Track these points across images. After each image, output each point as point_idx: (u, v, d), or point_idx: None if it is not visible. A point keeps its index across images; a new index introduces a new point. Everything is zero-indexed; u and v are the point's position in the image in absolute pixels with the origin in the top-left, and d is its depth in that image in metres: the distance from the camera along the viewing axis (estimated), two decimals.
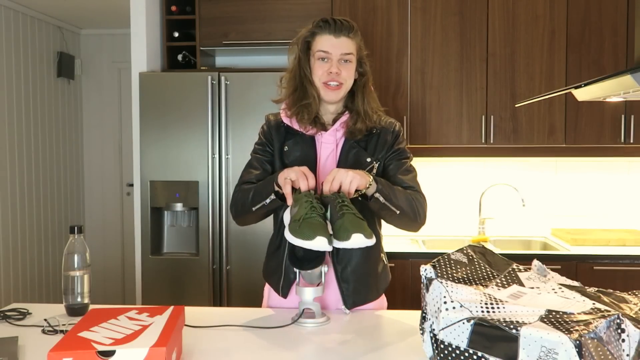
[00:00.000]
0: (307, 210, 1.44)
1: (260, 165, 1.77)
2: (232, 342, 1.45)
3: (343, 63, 1.67)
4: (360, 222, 1.42)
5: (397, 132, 1.76)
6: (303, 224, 1.42)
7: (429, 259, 1.39)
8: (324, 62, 1.67)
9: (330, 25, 1.66)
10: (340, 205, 1.45)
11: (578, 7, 3.10)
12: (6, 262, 4.01)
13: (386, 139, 1.74)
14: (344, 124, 1.72)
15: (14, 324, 1.58)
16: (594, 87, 1.43)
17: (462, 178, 3.45)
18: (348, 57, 1.67)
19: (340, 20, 1.68)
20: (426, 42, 3.17)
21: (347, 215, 1.43)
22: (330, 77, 1.66)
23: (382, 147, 1.73)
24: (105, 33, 4.94)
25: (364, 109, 1.71)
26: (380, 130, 1.74)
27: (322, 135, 1.72)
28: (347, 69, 1.68)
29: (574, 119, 3.12)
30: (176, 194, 3.05)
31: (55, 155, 4.63)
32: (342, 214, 1.43)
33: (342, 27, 1.66)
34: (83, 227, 1.66)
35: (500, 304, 1.18)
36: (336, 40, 1.66)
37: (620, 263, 2.87)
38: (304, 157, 1.71)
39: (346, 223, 1.41)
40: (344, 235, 1.40)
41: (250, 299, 2.98)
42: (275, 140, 1.76)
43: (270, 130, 1.78)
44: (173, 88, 3.02)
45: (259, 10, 3.23)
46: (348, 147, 1.71)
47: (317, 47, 1.68)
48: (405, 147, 1.78)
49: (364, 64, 1.73)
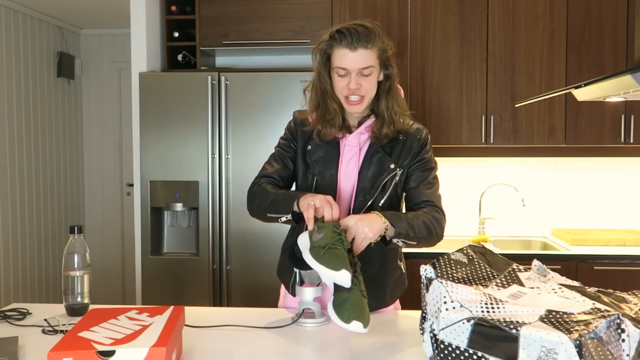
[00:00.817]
0: (334, 241, 1.40)
1: (281, 160, 1.77)
2: (232, 342, 1.45)
3: (362, 77, 1.60)
4: (363, 305, 1.36)
5: (423, 140, 1.71)
6: (328, 252, 1.38)
7: (429, 259, 1.39)
8: (343, 78, 1.61)
9: (346, 37, 1.57)
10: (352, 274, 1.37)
11: (578, 7, 3.10)
12: (6, 262, 4.01)
13: (411, 146, 1.70)
14: (369, 127, 1.69)
15: (14, 324, 1.58)
16: (594, 87, 1.43)
17: (462, 178, 3.45)
18: (367, 72, 1.60)
19: (357, 29, 1.58)
20: (426, 42, 3.16)
21: (354, 293, 1.36)
22: (350, 92, 1.62)
23: (407, 155, 1.69)
24: (105, 33, 4.94)
25: (388, 114, 1.66)
26: (406, 136, 1.70)
27: (346, 137, 1.70)
28: (367, 81, 1.62)
29: (574, 119, 3.12)
30: (176, 194, 3.05)
31: (55, 155, 4.63)
32: (350, 288, 1.36)
33: (358, 39, 1.57)
34: (83, 227, 1.66)
35: (500, 304, 1.18)
36: (353, 55, 1.58)
37: (620, 263, 2.87)
38: (327, 157, 1.70)
39: (350, 303, 1.34)
40: (344, 315, 1.33)
41: (250, 299, 2.98)
42: (299, 138, 1.75)
43: (296, 127, 1.77)
44: (173, 88, 3.02)
45: (259, 10, 3.23)
46: (372, 152, 1.68)
47: (335, 62, 1.61)
48: (431, 156, 1.73)
49: (390, 67, 1.66)
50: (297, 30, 3.21)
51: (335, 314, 1.35)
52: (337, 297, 1.38)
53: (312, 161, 1.71)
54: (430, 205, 1.66)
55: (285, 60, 3.52)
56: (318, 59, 1.66)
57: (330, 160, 1.69)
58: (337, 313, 1.35)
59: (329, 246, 1.39)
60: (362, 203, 1.68)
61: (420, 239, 1.59)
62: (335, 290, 1.40)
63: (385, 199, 1.69)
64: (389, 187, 1.68)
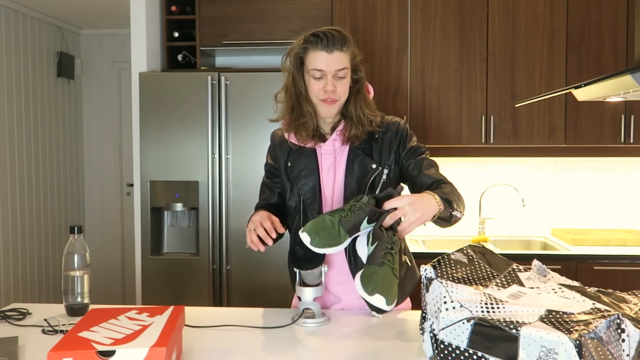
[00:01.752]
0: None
1: (268, 189, 1.82)
2: (232, 342, 1.45)
3: (338, 79, 1.63)
4: (392, 283, 1.35)
5: (402, 131, 1.71)
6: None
7: (429, 259, 1.38)
8: (319, 80, 1.63)
9: (322, 40, 1.60)
10: (385, 252, 1.38)
11: (578, 7, 3.10)
12: (6, 262, 4.01)
13: (390, 141, 1.70)
14: (341, 132, 1.70)
15: (14, 324, 1.58)
16: (594, 87, 1.43)
17: (462, 178, 3.44)
18: (342, 73, 1.62)
19: (332, 32, 1.62)
20: (426, 42, 3.17)
21: (385, 268, 1.35)
22: (327, 94, 1.63)
23: (387, 150, 1.70)
24: (105, 33, 4.94)
25: (356, 115, 1.67)
26: (382, 134, 1.70)
27: (320, 146, 1.71)
28: (342, 85, 1.64)
29: (574, 119, 3.12)
30: (176, 194, 3.05)
31: (55, 155, 4.63)
32: (381, 262, 1.36)
33: (334, 41, 1.60)
34: (83, 227, 1.66)
35: (500, 304, 1.18)
36: (329, 57, 1.60)
37: (620, 263, 2.87)
38: (306, 170, 1.71)
39: (379, 277, 1.33)
40: (369, 287, 1.32)
41: (250, 299, 2.98)
42: (279, 157, 1.77)
43: (274, 148, 1.80)
44: (173, 88, 3.02)
45: (259, 10, 3.23)
46: (353, 156, 1.69)
47: (310, 64, 1.63)
48: (418, 142, 1.73)
49: (359, 71, 1.69)
50: (297, 30, 3.21)
51: (360, 285, 1.33)
52: (366, 269, 1.36)
53: (293, 176, 1.72)
54: (443, 182, 1.65)
55: None
56: (292, 62, 1.67)
57: (309, 172, 1.71)
58: (362, 284, 1.33)
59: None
60: None
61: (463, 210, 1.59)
62: (367, 261, 1.39)
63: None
64: (377, 186, 1.68)
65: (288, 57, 1.69)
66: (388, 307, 1.33)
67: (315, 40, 1.61)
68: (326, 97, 1.63)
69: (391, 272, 1.36)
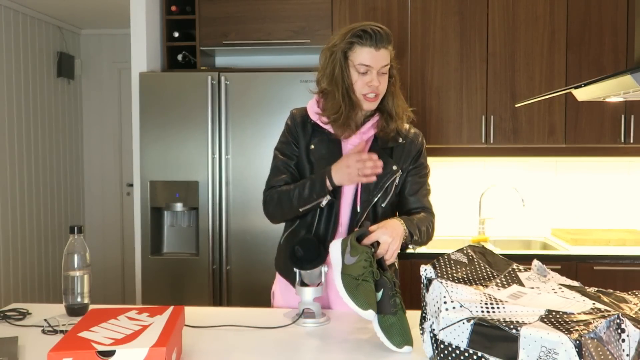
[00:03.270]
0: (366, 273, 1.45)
1: (286, 169, 1.79)
2: (232, 342, 1.45)
3: (381, 75, 1.69)
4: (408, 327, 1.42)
5: (420, 145, 1.81)
6: (360, 287, 1.43)
7: (429, 259, 1.39)
8: (364, 75, 1.68)
9: (371, 37, 1.65)
10: (393, 295, 1.44)
11: (578, 7, 3.10)
12: (6, 262, 4.01)
13: (410, 150, 1.78)
14: (374, 125, 1.74)
15: (14, 324, 1.58)
16: (594, 87, 1.43)
17: (462, 178, 3.45)
18: (385, 69, 1.69)
19: (379, 31, 1.67)
20: (426, 42, 3.16)
21: (401, 316, 1.43)
22: (371, 89, 1.68)
23: (407, 158, 1.77)
24: (105, 33, 4.94)
25: (395, 110, 1.74)
26: (405, 140, 1.78)
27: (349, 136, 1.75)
28: (384, 80, 1.71)
29: (574, 119, 3.12)
30: (176, 194, 3.05)
31: (55, 155, 4.63)
32: (395, 312, 1.42)
33: (382, 39, 1.66)
34: (83, 227, 1.66)
35: (500, 304, 1.18)
36: (377, 53, 1.66)
37: (620, 263, 2.87)
38: (330, 156, 1.73)
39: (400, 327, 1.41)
40: (395, 341, 1.39)
41: (250, 299, 2.98)
42: (301, 138, 1.78)
43: (296, 127, 1.79)
44: (173, 88, 3.02)
45: (259, 10, 3.23)
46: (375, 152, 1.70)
47: (357, 59, 1.67)
48: (427, 161, 1.83)
49: (392, 68, 1.75)
50: (297, 30, 3.21)
51: (385, 338, 1.40)
52: (383, 320, 1.42)
53: (315, 160, 1.75)
54: (426, 211, 1.77)
55: (285, 60, 3.52)
56: (338, 56, 1.69)
57: (333, 158, 1.72)
58: (387, 337, 1.40)
59: (362, 278, 1.44)
60: (366, 203, 1.73)
61: (422, 243, 1.71)
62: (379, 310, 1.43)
63: (387, 200, 1.75)
64: (390, 188, 1.75)
65: (333, 51, 1.70)
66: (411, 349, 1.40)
67: (365, 36, 1.66)
68: (370, 91, 1.68)
69: (404, 317, 1.43)
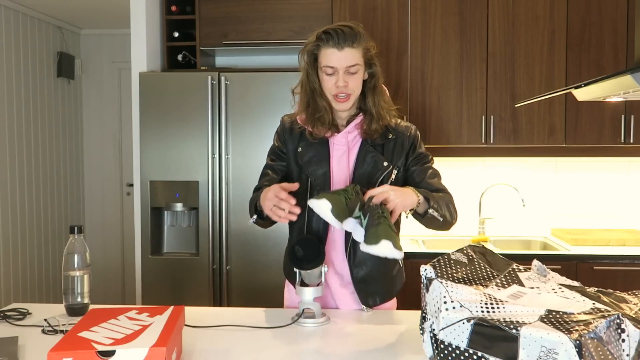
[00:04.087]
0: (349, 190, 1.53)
1: (271, 172, 1.81)
2: (232, 342, 1.45)
3: (349, 75, 1.67)
4: (393, 234, 1.43)
5: (413, 137, 1.78)
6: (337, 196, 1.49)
7: (429, 259, 1.39)
8: (331, 77, 1.67)
9: (332, 37, 1.64)
10: (379, 216, 1.47)
11: (578, 7, 3.10)
12: (6, 262, 4.01)
13: (403, 144, 1.76)
14: (358, 125, 1.74)
15: (14, 324, 1.58)
16: (594, 87, 1.43)
17: (462, 178, 3.45)
18: (353, 69, 1.66)
19: (342, 29, 1.65)
20: (426, 42, 3.16)
21: (383, 225, 1.44)
22: (339, 90, 1.67)
23: (400, 153, 1.75)
24: (105, 33, 4.94)
25: (375, 110, 1.72)
26: (396, 135, 1.76)
27: (334, 136, 1.74)
28: (353, 79, 1.68)
29: (574, 119, 3.12)
30: (176, 194, 3.05)
31: (55, 155, 4.63)
32: (377, 223, 1.45)
33: (345, 38, 1.64)
34: (83, 227, 1.66)
35: (500, 304, 1.18)
36: (340, 54, 1.64)
37: (620, 263, 2.87)
38: (318, 157, 1.73)
39: (380, 230, 1.43)
40: (373, 240, 1.41)
41: (250, 299, 2.98)
42: (289, 142, 1.79)
43: (284, 133, 1.81)
44: (173, 88, 3.02)
45: (259, 10, 3.23)
46: (365, 151, 1.72)
47: (322, 61, 1.67)
48: (425, 150, 1.80)
49: (374, 65, 1.73)
50: (297, 30, 3.21)
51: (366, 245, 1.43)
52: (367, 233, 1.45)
53: (303, 162, 1.75)
54: (442, 192, 1.74)
55: (285, 60, 3.52)
56: (306, 59, 1.72)
57: (321, 158, 1.73)
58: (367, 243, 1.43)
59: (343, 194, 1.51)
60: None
61: (445, 216, 1.67)
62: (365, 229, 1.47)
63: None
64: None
65: (303, 54, 1.73)
66: (397, 252, 1.41)
67: (327, 38, 1.65)
68: (338, 92, 1.68)
69: (388, 227, 1.45)
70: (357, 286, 1.73)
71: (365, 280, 1.73)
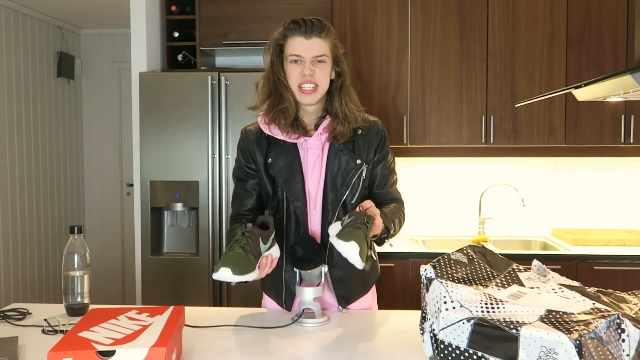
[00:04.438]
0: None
1: (243, 194, 1.74)
2: (232, 342, 1.45)
3: (317, 64, 1.62)
4: (364, 243, 1.42)
5: (382, 133, 1.74)
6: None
7: (429, 259, 1.39)
8: (296, 65, 1.62)
9: (300, 27, 1.61)
10: (362, 222, 1.47)
11: (578, 7, 3.10)
12: (6, 262, 4.01)
13: (372, 139, 1.72)
14: (327, 128, 1.67)
15: (14, 324, 1.58)
16: (594, 87, 1.43)
17: (462, 178, 3.45)
18: (321, 59, 1.62)
19: (311, 20, 1.63)
20: (426, 42, 3.16)
21: (360, 231, 1.43)
22: (305, 79, 1.61)
23: (369, 148, 1.71)
24: (105, 33, 4.94)
25: (342, 112, 1.66)
26: (365, 130, 1.71)
27: (306, 141, 1.67)
28: (321, 69, 1.63)
29: (574, 119, 3.12)
30: (176, 194, 3.05)
31: (55, 155, 4.63)
32: (357, 227, 1.44)
33: (313, 28, 1.61)
34: (83, 227, 1.66)
35: (500, 304, 1.18)
36: (307, 42, 1.61)
37: (620, 263, 2.87)
38: (289, 166, 1.67)
39: (355, 233, 1.42)
40: (345, 237, 1.41)
41: (250, 299, 2.98)
42: (257, 154, 1.71)
43: (248, 146, 1.72)
44: (173, 88, 3.02)
45: (259, 10, 3.23)
46: (335, 152, 1.67)
47: (289, 50, 1.63)
48: (390, 149, 1.78)
49: (341, 63, 1.68)
50: None
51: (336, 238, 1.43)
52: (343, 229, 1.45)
53: (275, 173, 1.68)
54: (396, 202, 1.76)
55: None
56: (271, 50, 1.68)
57: (292, 168, 1.67)
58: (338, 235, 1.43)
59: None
60: (335, 202, 1.67)
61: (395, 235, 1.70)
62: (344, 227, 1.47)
63: (357, 196, 1.69)
64: (358, 183, 1.69)
65: (268, 46, 1.69)
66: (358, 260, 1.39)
67: (294, 27, 1.63)
68: (303, 81, 1.62)
69: (364, 235, 1.44)
70: (335, 286, 1.71)
71: (342, 281, 1.71)
